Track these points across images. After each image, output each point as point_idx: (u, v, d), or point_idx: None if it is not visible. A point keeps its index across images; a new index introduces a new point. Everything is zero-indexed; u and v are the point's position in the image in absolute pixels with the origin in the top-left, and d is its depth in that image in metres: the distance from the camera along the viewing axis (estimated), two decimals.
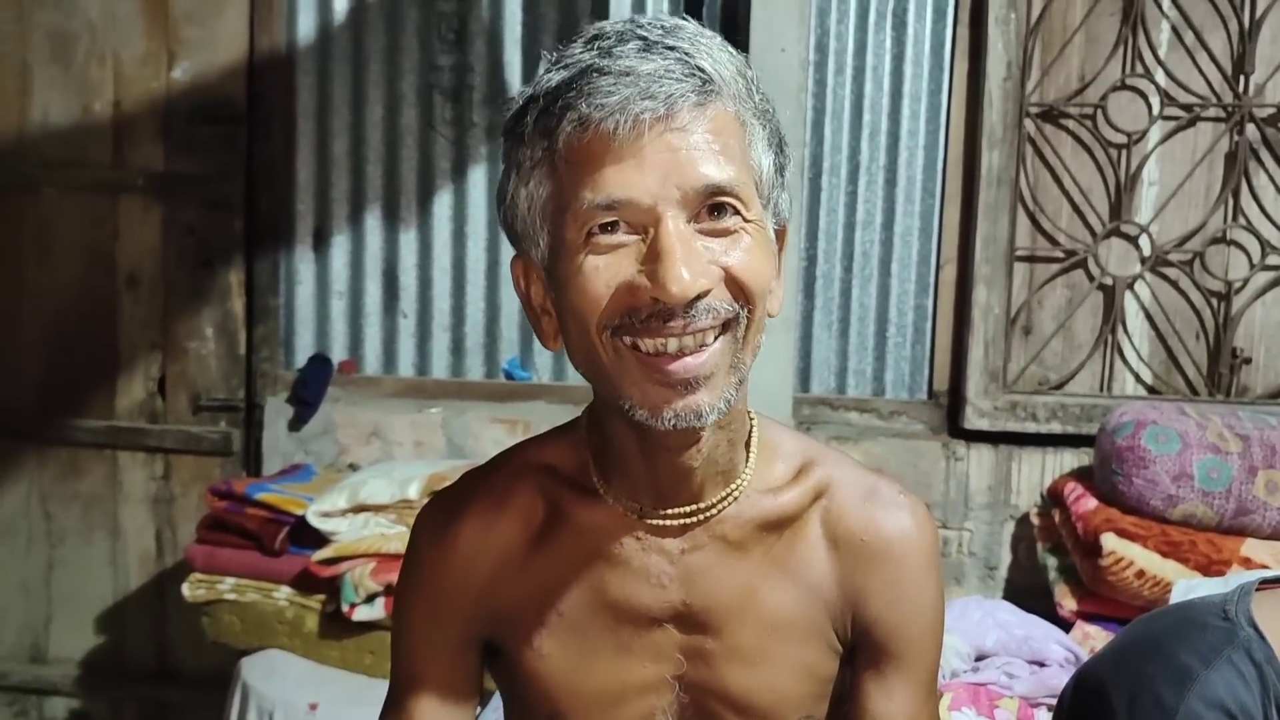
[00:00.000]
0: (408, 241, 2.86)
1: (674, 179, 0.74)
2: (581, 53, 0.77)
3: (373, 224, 2.86)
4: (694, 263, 0.74)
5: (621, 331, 0.77)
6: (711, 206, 0.76)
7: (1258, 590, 0.95)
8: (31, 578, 2.95)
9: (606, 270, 0.76)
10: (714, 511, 0.87)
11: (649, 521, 0.87)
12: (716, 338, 0.78)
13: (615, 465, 0.87)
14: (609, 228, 0.76)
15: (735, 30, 2.65)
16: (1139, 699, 0.89)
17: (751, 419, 0.91)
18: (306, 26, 2.83)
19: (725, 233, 0.77)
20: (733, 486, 0.88)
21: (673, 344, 0.76)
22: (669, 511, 0.87)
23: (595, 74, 0.74)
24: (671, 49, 0.76)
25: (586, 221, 0.75)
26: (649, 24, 0.78)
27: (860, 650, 0.92)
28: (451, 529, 0.92)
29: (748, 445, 0.90)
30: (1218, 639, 0.89)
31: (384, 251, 2.87)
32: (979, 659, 1.79)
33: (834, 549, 0.91)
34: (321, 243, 2.88)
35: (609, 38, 0.77)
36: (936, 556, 0.94)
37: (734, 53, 0.81)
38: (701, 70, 0.76)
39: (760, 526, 0.89)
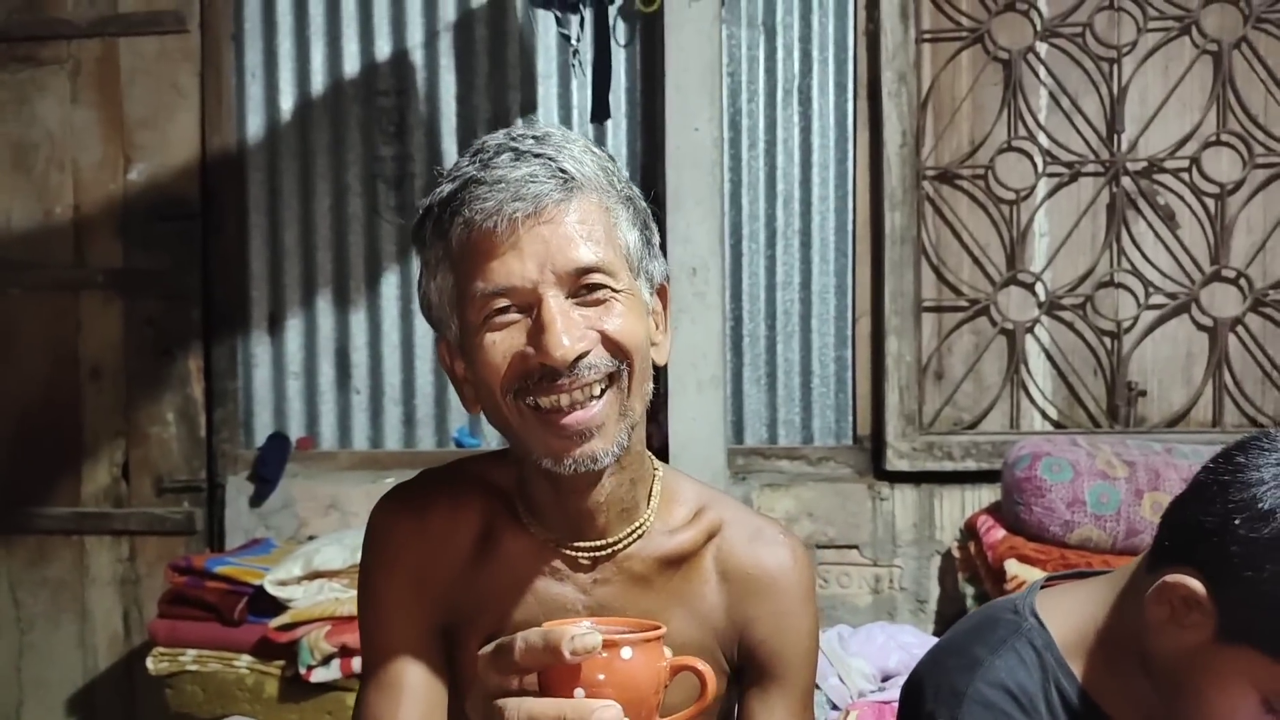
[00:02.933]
0: (358, 322, 3.02)
1: (548, 264, 0.87)
2: (466, 166, 0.90)
3: (324, 307, 3.03)
4: (572, 330, 0.87)
5: (521, 394, 0.90)
6: (585, 284, 0.88)
7: (1043, 588, 1.11)
8: (2, 665, 3.03)
9: (502, 343, 0.88)
10: (620, 546, 0.97)
11: (564, 552, 0.97)
12: (603, 391, 0.90)
13: (533, 500, 0.99)
14: (501, 310, 0.88)
15: (652, 113, 2.87)
16: (940, 689, 1.03)
17: (656, 469, 1.03)
18: (255, 125, 3.02)
19: (598, 303, 0.89)
20: (636, 524, 0.99)
21: (564, 399, 0.89)
22: (580, 545, 0.97)
23: (474, 184, 0.87)
24: (538, 155, 0.88)
25: (482, 307, 0.88)
26: (521, 135, 0.91)
27: (746, 671, 1.03)
28: (423, 515, 0.99)
29: (650, 492, 1.01)
30: (1005, 631, 1.04)
31: (336, 332, 3.03)
32: (884, 679, 1.93)
33: (724, 582, 1.01)
34: (276, 327, 3.04)
35: (488, 151, 0.90)
36: (812, 589, 1.07)
37: (597, 152, 0.94)
38: (564, 171, 0.88)
39: (662, 563, 1.00)
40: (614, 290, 0.89)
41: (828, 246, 2.89)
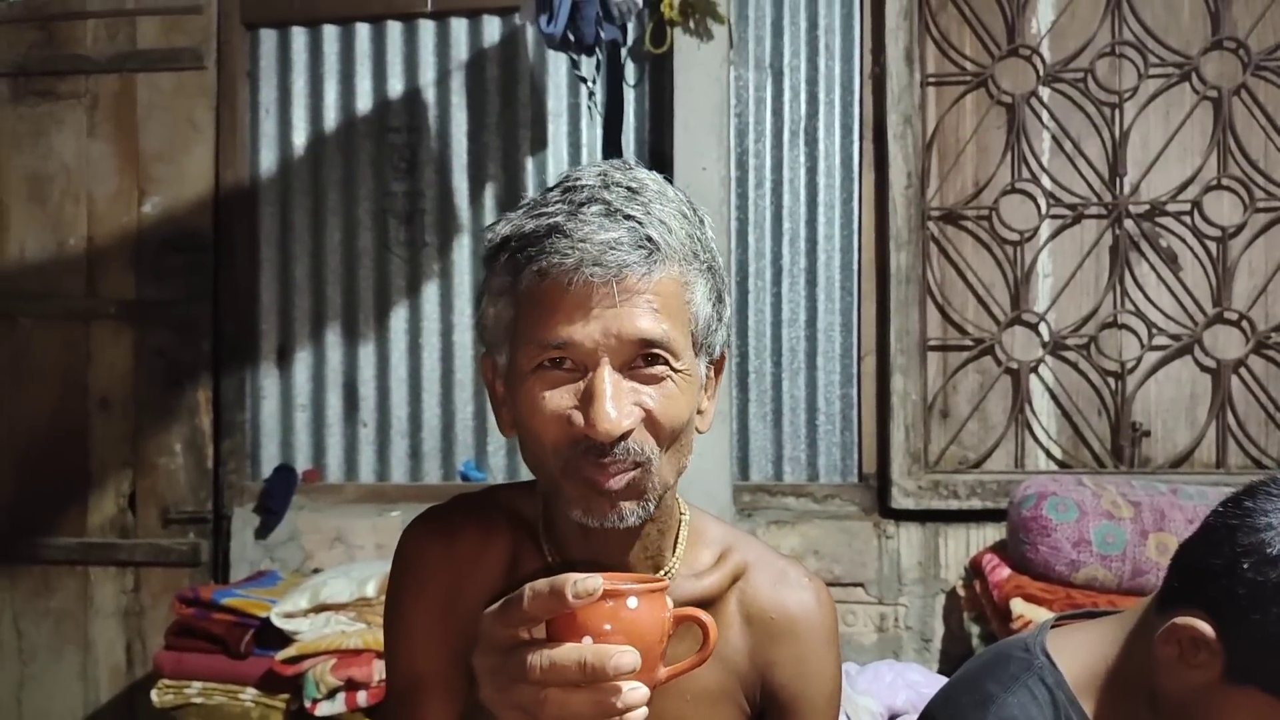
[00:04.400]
0: (366, 355, 3.04)
1: (613, 330, 0.84)
2: (555, 205, 0.86)
3: (333, 340, 3.05)
4: (621, 403, 0.85)
5: (569, 464, 0.89)
6: (644, 355, 0.86)
7: (1053, 628, 1.12)
8: (2, 695, 3.02)
9: (551, 400, 0.87)
10: None
11: None
12: (632, 470, 0.89)
13: (558, 536, 0.99)
14: (556, 362, 0.86)
15: (660, 152, 2.91)
16: None
17: (684, 513, 1.03)
18: (268, 160, 3.07)
19: (653, 380, 0.87)
20: (662, 572, 0.99)
21: (600, 474, 0.88)
22: None
23: (559, 235, 0.84)
24: (628, 217, 0.85)
25: (537, 355, 0.86)
26: (616, 184, 0.87)
27: (768, 713, 1.04)
28: (454, 540, 0.99)
29: (677, 538, 1.01)
30: (1017, 668, 1.06)
31: (344, 365, 3.05)
32: (892, 718, 1.93)
33: (748, 625, 1.01)
34: (285, 359, 3.06)
35: (579, 193, 0.87)
36: (835, 632, 1.06)
37: (688, 215, 0.90)
38: (650, 240, 0.85)
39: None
40: (672, 369, 0.88)
41: (833, 285, 2.91)
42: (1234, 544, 0.95)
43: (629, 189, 0.87)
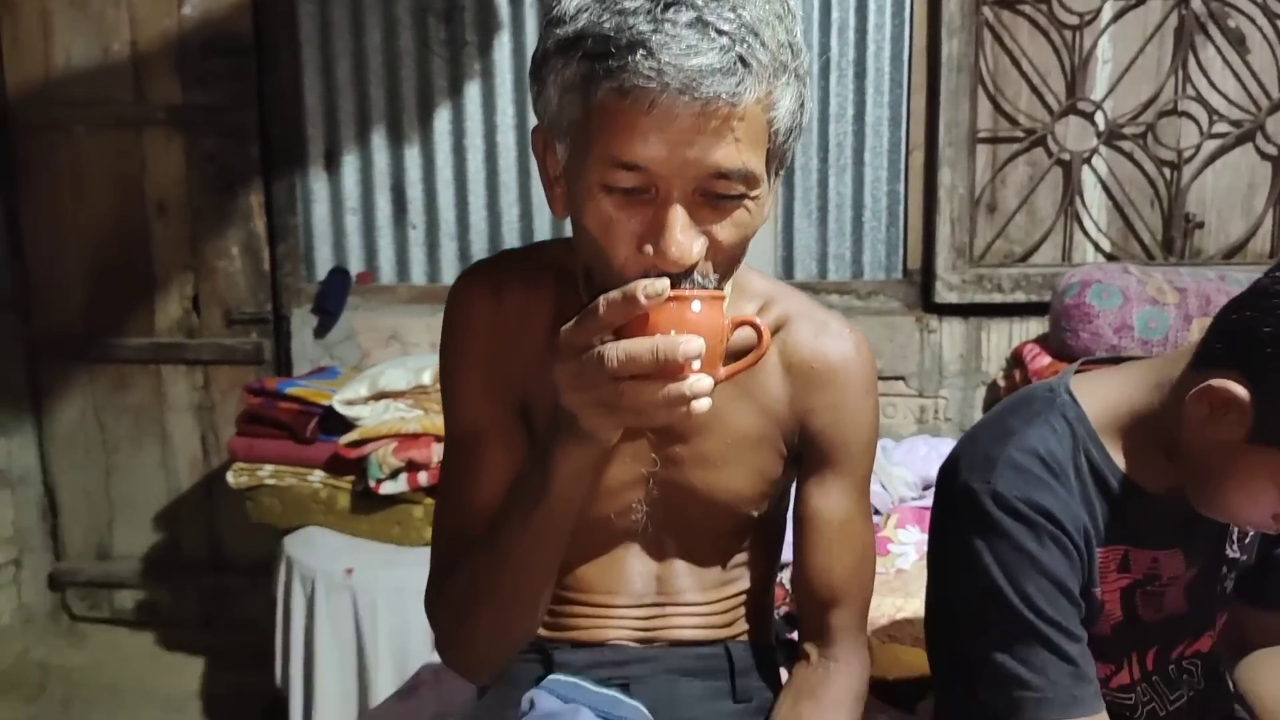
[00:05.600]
0: (412, 157, 3.06)
1: (692, 158, 0.80)
2: (638, 2, 0.79)
3: (379, 143, 3.06)
4: (690, 234, 0.83)
5: None
6: (720, 183, 0.83)
7: (1078, 372, 1.15)
8: (91, 484, 3.24)
9: (621, 220, 0.84)
10: None
11: None
12: None
13: (598, 290, 0.97)
14: (626, 178, 0.83)
15: None
16: (975, 459, 1.08)
17: None
18: None
19: (725, 209, 0.84)
20: None
21: None
22: None
23: (642, 51, 0.78)
24: (720, 32, 0.78)
25: (609, 173, 0.82)
26: None
27: (805, 458, 1.07)
28: (501, 292, 1.02)
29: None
30: (1040, 405, 1.09)
31: (391, 168, 3.07)
32: (925, 488, 2.00)
33: (788, 374, 1.05)
34: (333, 163, 3.08)
35: None
36: (873, 381, 1.08)
37: (784, 11, 0.83)
38: (744, 62, 0.79)
39: (729, 355, 1.00)
40: (747, 196, 0.85)
41: (882, 77, 2.83)
42: None
43: None
